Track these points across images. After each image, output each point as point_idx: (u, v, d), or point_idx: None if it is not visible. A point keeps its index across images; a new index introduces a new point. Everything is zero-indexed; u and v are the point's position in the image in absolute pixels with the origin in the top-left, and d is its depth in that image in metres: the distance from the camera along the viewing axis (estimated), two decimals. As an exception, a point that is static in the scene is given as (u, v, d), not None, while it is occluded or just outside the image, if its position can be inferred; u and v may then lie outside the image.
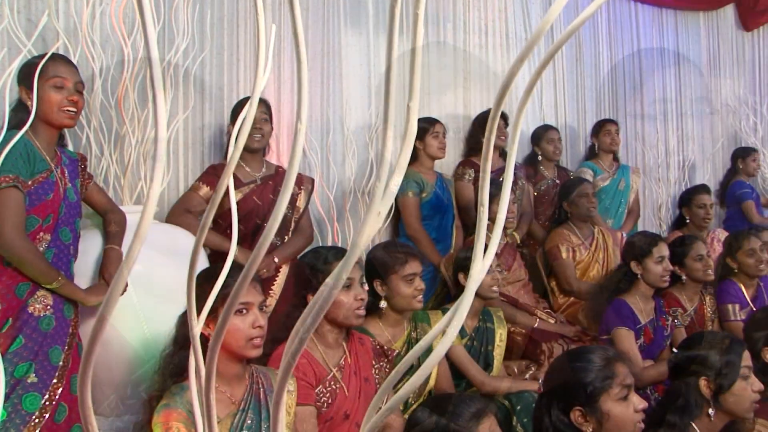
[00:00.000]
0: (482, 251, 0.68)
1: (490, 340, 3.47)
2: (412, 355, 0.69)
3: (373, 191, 0.58)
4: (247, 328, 2.10)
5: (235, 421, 2.11)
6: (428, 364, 0.65)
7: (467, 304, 0.66)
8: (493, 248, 0.72)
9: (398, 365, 0.68)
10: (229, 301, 0.64)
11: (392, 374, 0.68)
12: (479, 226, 0.70)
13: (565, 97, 5.76)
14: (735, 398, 2.39)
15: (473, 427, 1.77)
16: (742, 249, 4.14)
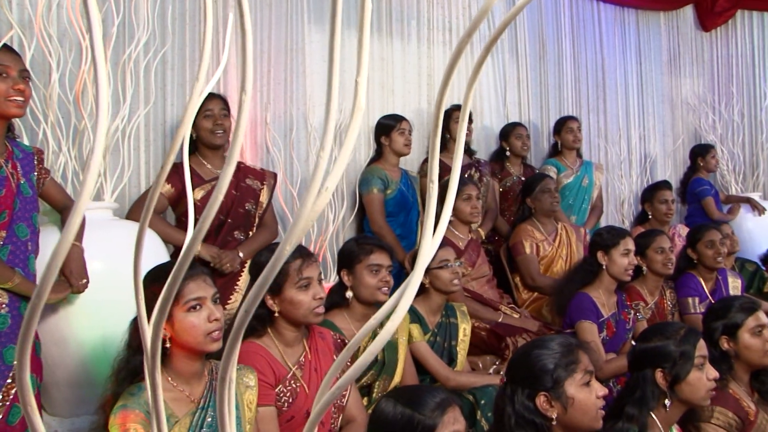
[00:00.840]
0: (432, 229, 0.67)
1: (454, 335, 3.46)
2: (357, 339, 0.67)
3: (317, 163, 0.56)
4: (203, 323, 2.07)
5: (195, 419, 2.08)
6: (378, 341, 0.63)
7: (416, 283, 0.65)
8: (440, 236, 0.70)
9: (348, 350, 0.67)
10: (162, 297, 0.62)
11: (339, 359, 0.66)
12: (428, 203, 0.69)
13: (529, 94, 5.79)
14: (690, 388, 2.43)
15: (438, 417, 1.76)
16: (702, 240, 4.21)
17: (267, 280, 0.57)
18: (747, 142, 7.28)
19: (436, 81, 5.19)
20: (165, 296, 0.64)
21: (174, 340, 2.07)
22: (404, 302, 0.64)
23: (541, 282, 4.42)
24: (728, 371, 2.82)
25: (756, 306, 2.98)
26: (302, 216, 0.57)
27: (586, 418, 2.05)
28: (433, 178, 0.69)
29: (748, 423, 2.78)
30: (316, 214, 0.61)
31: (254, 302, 0.58)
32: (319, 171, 0.59)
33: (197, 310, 2.08)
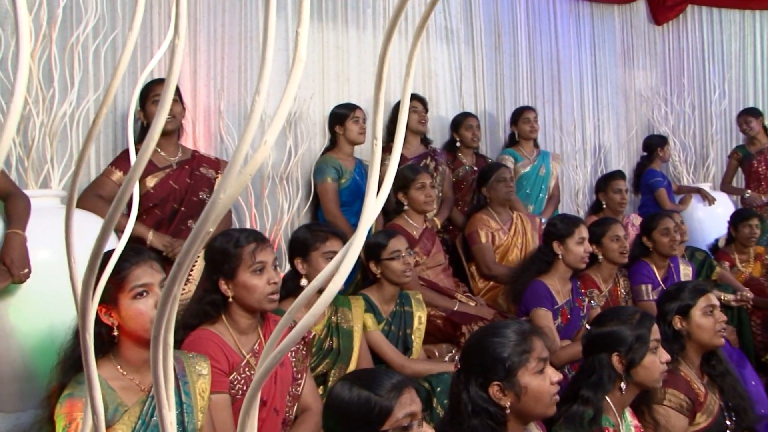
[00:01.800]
0: (375, 190, 0.65)
1: (408, 323, 3.46)
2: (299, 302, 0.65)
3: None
4: (150, 310, 2.01)
5: (145, 408, 2.03)
6: (320, 303, 0.61)
7: (358, 245, 0.63)
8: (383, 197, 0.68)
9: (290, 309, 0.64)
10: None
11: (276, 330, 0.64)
12: (373, 161, 0.67)
13: (485, 85, 5.81)
14: (645, 371, 2.48)
15: (394, 398, 1.74)
16: (658, 228, 4.27)
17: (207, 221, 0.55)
18: (698, 133, 7.41)
19: (392, 70, 5.17)
20: (85, 281, 0.61)
21: (122, 327, 2.02)
22: (345, 265, 0.62)
23: (496, 271, 4.43)
24: (680, 351, 2.88)
25: (708, 288, 3.07)
26: (236, 158, 0.55)
27: (539, 406, 2.05)
28: (377, 135, 0.67)
29: (698, 404, 2.84)
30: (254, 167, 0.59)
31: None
32: (252, 121, 0.57)
33: (144, 297, 2.02)
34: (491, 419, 2.02)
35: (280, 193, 4.31)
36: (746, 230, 5.31)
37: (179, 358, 2.22)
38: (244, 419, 0.63)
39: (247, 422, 0.63)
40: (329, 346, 3.07)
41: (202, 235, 0.55)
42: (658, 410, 2.74)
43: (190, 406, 2.14)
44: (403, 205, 4.14)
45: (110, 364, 2.04)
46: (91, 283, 0.63)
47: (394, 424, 1.72)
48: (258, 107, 0.55)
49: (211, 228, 0.57)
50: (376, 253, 3.40)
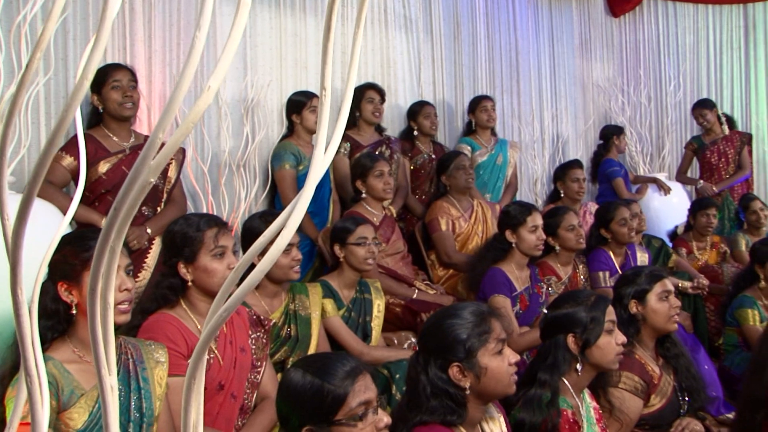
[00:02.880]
0: (324, 143, 0.63)
1: (368, 310, 3.44)
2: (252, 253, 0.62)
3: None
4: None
5: (102, 393, 1.99)
6: (269, 257, 0.58)
7: (308, 194, 0.60)
8: (331, 153, 0.66)
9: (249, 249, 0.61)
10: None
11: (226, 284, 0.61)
12: (321, 112, 0.65)
13: (443, 74, 5.79)
14: (600, 351, 2.50)
15: (348, 386, 1.72)
16: (615, 219, 4.32)
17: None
18: (654, 124, 7.52)
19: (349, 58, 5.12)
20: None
21: (80, 307, 1.98)
22: (296, 214, 0.60)
23: (456, 258, 4.43)
24: (635, 335, 2.92)
25: (664, 274, 3.12)
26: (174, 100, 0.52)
27: (499, 386, 2.06)
28: (326, 85, 0.65)
29: (653, 386, 2.89)
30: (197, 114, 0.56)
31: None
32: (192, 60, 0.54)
33: None
34: (451, 400, 2.02)
35: (237, 180, 4.25)
36: (704, 219, 5.40)
37: (137, 345, 2.18)
38: (189, 382, 0.60)
39: (194, 386, 0.60)
40: (287, 333, 3.05)
41: (141, 179, 0.51)
42: (613, 393, 2.77)
43: (148, 392, 2.11)
44: (362, 193, 4.12)
45: (66, 347, 2.00)
46: (18, 270, 0.60)
47: (347, 413, 1.70)
48: (199, 44, 0.52)
49: (152, 179, 0.54)
50: (343, 236, 3.39)
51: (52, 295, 1.98)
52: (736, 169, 6.55)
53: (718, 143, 6.57)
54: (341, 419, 1.70)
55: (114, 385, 0.59)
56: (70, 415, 1.92)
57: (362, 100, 4.76)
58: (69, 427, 1.92)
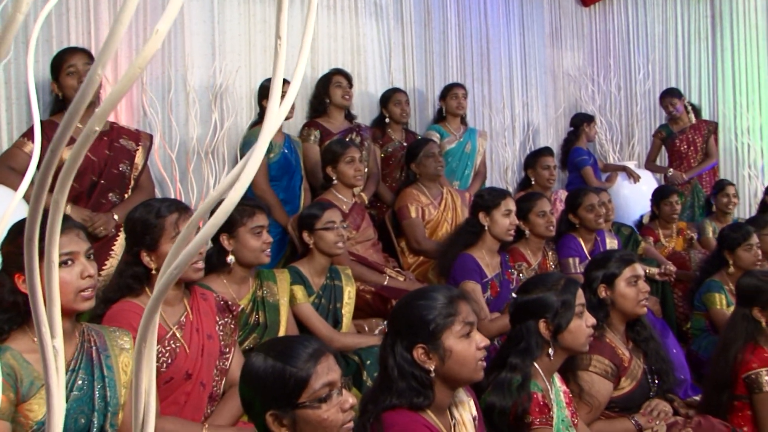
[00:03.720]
0: (278, 96, 0.60)
1: (338, 297, 3.42)
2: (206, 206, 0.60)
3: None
4: (74, 279, 1.94)
5: (64, 382, 1.94)
6: (222, 209, 0.56)
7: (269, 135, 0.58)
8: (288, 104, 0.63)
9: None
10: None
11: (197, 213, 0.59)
12: (277, 62, 0.62)
13: (414, 61, 5.77)
14: (572, 335, 2.50)
15: (311, 368, 1.69)
16: (583, 205, 4.33)
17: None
18: (623, 113, 7.57)
19: (319, 45, 5.10)
20: None
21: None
22: (250, 166, 0.57)
23: (426, 245, 4.42)
24: (605, 319, 2.92)
25: (634, 258, 3.13)
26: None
27: (465, 370, 2.04)
28: (281, 35, 0.63)
29: (623, 369, 2.91)
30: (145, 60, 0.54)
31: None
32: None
33: (68, 266, 1.94)
34: (417, 382, 2.01)
35: (205, 168, 4.21)
36: (667, 207, 5.46)
37: (100, 332, 2.14)
38: (140, 346, 0.57)
39: (144, 350, 0.58)
40: (255, 320, 3.02)
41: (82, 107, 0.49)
42: (582, 376, 2.78)
43: (112, 380, 2.08)
44: (332, 179, 4.09)
45: (26, 337, 1.96)
46: None
47: (311, 395, 1.68)
48: None
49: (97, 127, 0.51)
50: (310, 223, 3.36)
51: (9, 287, 1.93)
52: (703, 157, 6.62)
53: (687, 132, 6.64)
54: (305, 402, 1.67)
55: (59, 348, 0.56)
56: (29, 407, 1.88)
57: (330, 85, 4.73)
58: (29, 419, 1.88)
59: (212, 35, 4.43)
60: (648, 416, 2.86)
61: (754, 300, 3.11)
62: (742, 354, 3.01)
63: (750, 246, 4.14)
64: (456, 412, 2.17)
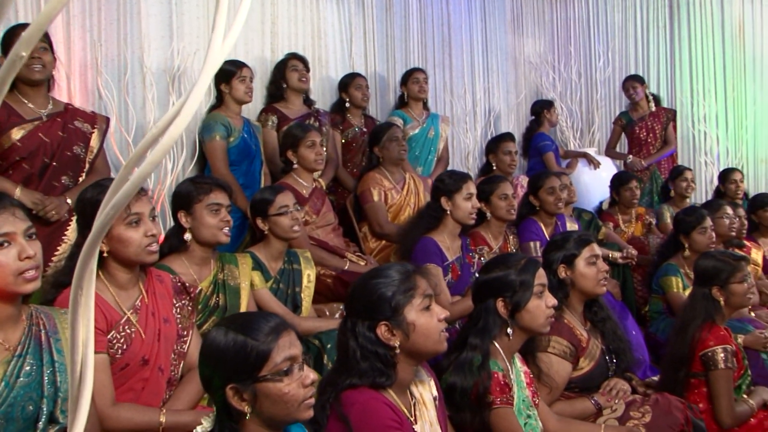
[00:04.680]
0: (222, 30, 0.58)
1: (297, 281, 3.39)
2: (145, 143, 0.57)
3: None
4: (12, 261, 1.83)
5: (10, 368, 1.88)
6: (162, 145, 0.53)
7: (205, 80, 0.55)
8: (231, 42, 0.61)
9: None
10: None
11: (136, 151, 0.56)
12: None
13: (375, 46, 5.74)
14: (530, 315, 2.50)
15: (272, 342, 1.67)
16: (544, 187, 4.36)
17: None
18: (584, 100, 7.65)
19: (279, 29, 5.04)
20: None
21: None
22: (190, 103, 0.55)
23: (388, 229, 4.41)
24: (564, 299, 2.94)
25: (592, 238, 3.16)
26: None
27: (429, 342, 2.04)
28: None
29: (581, 349, 2.93)
30: None
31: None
32: None
33: (5, 248, 1.84)
34: (380, 361, 2.00)
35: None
36: (627, 193, 5.52)
37: (50, 315, 2.07)
38: (75, 294, 0.54)
39: (81, 299, 0.55)
40: (215, 302, 2.98)
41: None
42: (540, 357, 2.80)
43: (62, 365, 2.00)
44: (293, 164, 4.05)
45: None
46: None
47: (272, 369, 1.66)
48: None
49: (23, 52, 0.48)
50: (263, 209, 3.32)
51: None
52: (662, 144, 6.71)
53: (646, 119, 6.72)
54: (266, 375, 1.65)
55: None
56: None
57: (286, 69, 4.68)
58: None
59: (170, 17, 4.34)
60: (607, 395, 2.89)
61: (713, 280, 3.16)
62: (700, 332, 3.07)
63: (704, 229, 4.20)
64: (416, 391, 2.17)
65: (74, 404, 0.56)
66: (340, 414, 1.96)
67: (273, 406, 1.67)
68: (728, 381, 3.00)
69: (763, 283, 4.69)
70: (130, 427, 2.24)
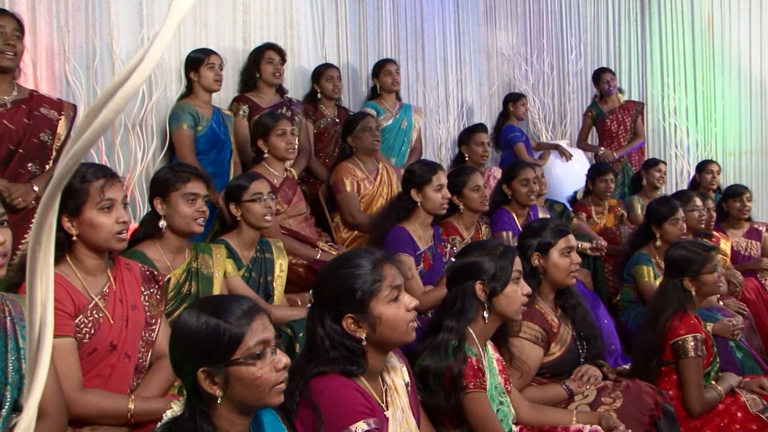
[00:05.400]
0: None
1: (269, 270, 3.38)
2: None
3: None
4: None
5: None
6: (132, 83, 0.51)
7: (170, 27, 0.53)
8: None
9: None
10: None
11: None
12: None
13: (348, 37, 5.71)
14: (507, 300, 2.51)
15: (245, 325, 1.65)
16: (518, 178, 4.37)
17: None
18: (556, 92, 7.69)
19: (251, 18, 4.99)
20: None
21: None
22: (155, 47, 0.53)
23: (360, 219, 4.39)
24: (537, 287, 2.94)
25: (569, 229, 3.17)
26: None
27: (396, 334, 2.02)
28: None
29: (552, 335, 2.95)
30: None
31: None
32: None
33: None
34: (349, 352, 1.99)
35: (133, 140, 4.08)
36: (602, 184, 5.54)
37: (16, 301, 2.04)
38: (34, 248, 0.52)
39: (39, 254, 0.52)
40: (188, 290, 2.95)
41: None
42: (513, 342, 2.81)
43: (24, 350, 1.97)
44: (263, 153, 4.02)
45: None
46: None
47: (245, 352, 1.64)
48: None
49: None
50: (237, 195, 3.31)
51: None
52: (632, 136, 6.76)
53: (616, 112, 6.77)
54: (239, 358, 1.63)
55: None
56: None
57: (261, 60, 4.64)
58: None
59: (139, 3, 4.28)
60: (578, 381, 2.91)
61: (684, 271, 3.19)
62: (671, 321, 3.10)
63: (676, 220, 4.24)
64: (388, 377, 2.16)
65: (32, 367, 0.54)
66: (310, 401, 1.93)
67: (245, 390, 1.65)
68: (698, 369, 3.03)
69: (731, 273, 4.75)
70: (98, 413, 2.21)
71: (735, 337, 3.78)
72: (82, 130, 0.51)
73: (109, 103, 0.50)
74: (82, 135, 0.50)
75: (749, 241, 5.36)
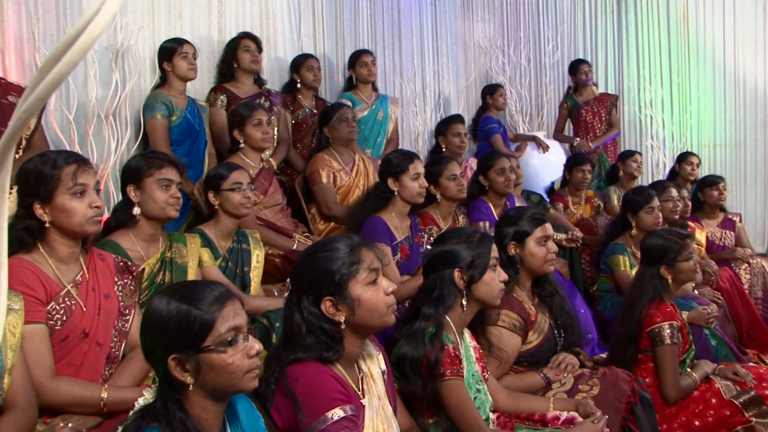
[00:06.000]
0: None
1: (246, 261, 3.35)
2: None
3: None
4: None
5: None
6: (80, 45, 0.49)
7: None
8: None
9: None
10: None
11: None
12: None
13: (324, 27, 5.68)
14: (486, 287, 2.50)
15: (216, 311, 1.62)
16: (493, 167, 4.37)
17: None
18: (533, 84, 7.70)
19: (227, 8, 4.95)
20: None
21: None
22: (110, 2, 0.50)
23: (336, 211, 4.37)
24: (514, 276, 2.94)
25: (545, 218, 3.16)
26: None
27: (375, 317, 2.01)
28: None
29: (530, 323, 2.95)
30: None
31: None
32: None
33: None
34: (326, 336, 1.97)
35: (106, 130, 4.03)
36: (579, 175, 5.56)
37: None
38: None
39: None
40: (162, 280, 2.92)
41: None
42: (491, 331, 2.80)
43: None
44: (239, 143, 3.98)
45: None
46: None
47: (216, 339, 1.62)
48: None
49: None
50: (216, 183, 3.29)
51: None
52: (607, 127, 6.79)
53: (591, 103, 6.80)
54: (210, 345, 1.61)
55: None
56: None
57: (238, 49, 4.62)
58: None
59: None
60: (556, 369, 2.91)
61: (661, 259, 3.20)
62: (647, 309, 3.11)
63: (651, 209, 4.26)
64: (364, 365, 2.15)
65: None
66: (286, 388, 1.92)
67: (217, 377, 1.63)
68: (674, 356, 3.04)
69: (706, 262, 4.79)
70: (70, 401, 2.18)
71: (710, 325, 3.80)
72: (36, 82, 0.48)
73: (64, 56, 0.47)
74: (37, 87, 0.47)
75: (724, 231, 5.40)
